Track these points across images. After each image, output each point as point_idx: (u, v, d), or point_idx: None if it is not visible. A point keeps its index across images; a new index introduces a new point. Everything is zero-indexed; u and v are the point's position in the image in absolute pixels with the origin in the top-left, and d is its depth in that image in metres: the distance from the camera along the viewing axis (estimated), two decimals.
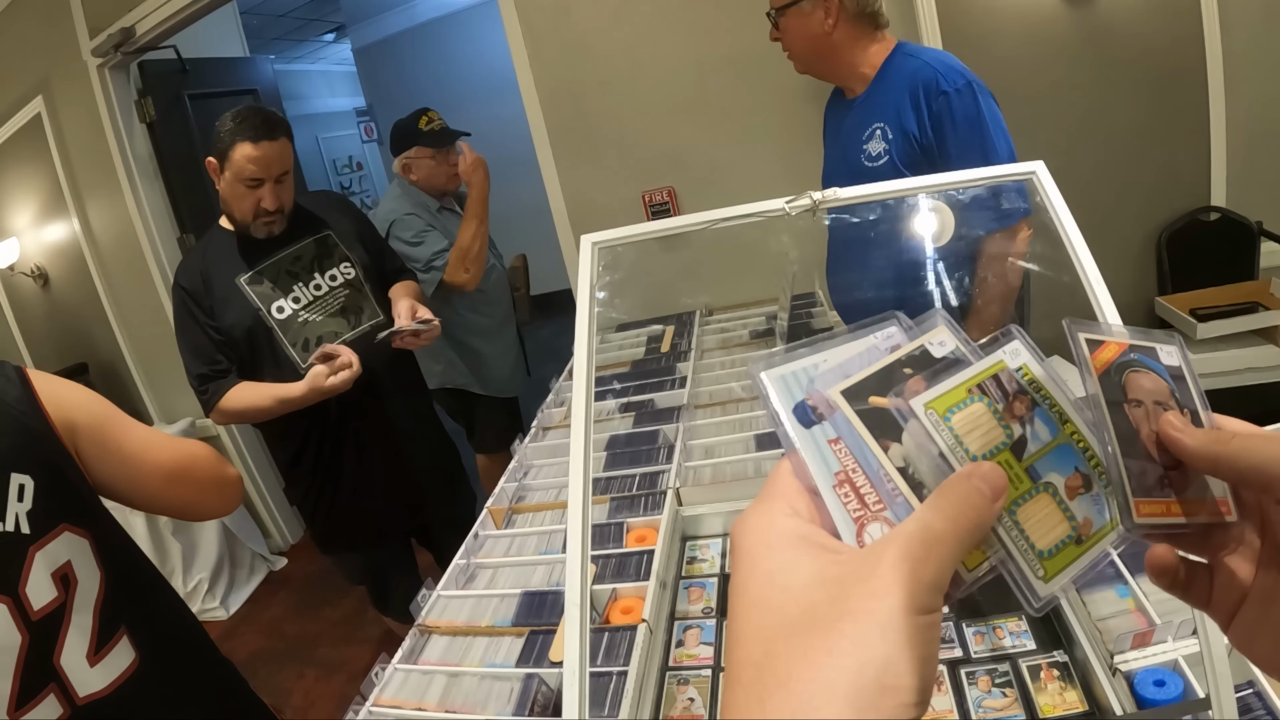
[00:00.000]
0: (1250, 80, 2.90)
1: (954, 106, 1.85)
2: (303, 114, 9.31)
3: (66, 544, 1.20)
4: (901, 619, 0.32)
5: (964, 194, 1.41)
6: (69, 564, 1.20)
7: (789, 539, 0.38)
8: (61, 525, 1.20)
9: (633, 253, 0.99)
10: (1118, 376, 0.45)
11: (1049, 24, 2.94)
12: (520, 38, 3.18)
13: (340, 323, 2.24)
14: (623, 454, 1.87)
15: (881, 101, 1.99)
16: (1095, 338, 0.46)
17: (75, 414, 1.27)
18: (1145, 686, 0.99)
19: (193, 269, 2.13)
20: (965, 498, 0.38)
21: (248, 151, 2.04)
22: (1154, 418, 0.44)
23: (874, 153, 1.99)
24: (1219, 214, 3.02)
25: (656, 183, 3.24)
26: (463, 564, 1.59)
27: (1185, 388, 0.47)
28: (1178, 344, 0.49)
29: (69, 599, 1.19)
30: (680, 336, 2.67)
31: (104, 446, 1.29)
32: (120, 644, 1.25)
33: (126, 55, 3.78)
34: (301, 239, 2.23)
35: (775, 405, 0.44)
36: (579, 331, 0.87)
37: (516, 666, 1.27)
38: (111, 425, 1.33)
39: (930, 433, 0.42)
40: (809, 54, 2.10)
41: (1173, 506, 0.43)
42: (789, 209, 0.95)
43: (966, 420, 0.42)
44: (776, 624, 0.35)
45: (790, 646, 0.33)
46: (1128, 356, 0.46)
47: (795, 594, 0.35)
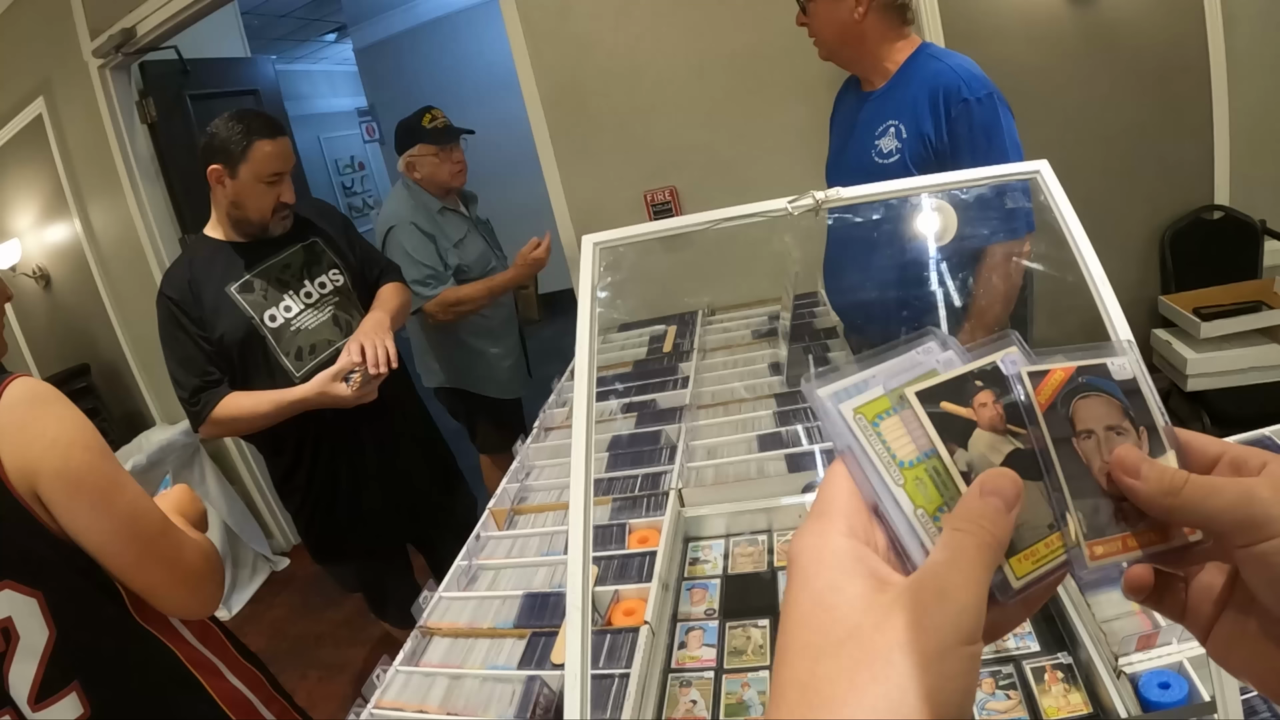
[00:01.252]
0: (1254, 78, 2.89)
1: (974, 115, 1.84)
2: (304, 114, 9.31)
3: (8, 601, 1.15)
4: (947, 650, 0.33)
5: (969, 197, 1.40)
6: (9, 619, 1.16)
7: (843, 559, 0.38)
8: (4, 582, 1.15)
9: (634, 252, 0.98)
10: (1065, 408, 0.44)
11: (1052, 23, 2.93)
12: (521, 37, 3.18)
13: (333, 330, 2.23)
14: (625, 454, 1.86)
15: (900, 99, 1.97)
16: (1039, 369, 0.45)
17: (43, 461, 1.15)
18: (1150, 689, 0.98)
19: (179, 279, 2.11)
20: (983, 516, 0.38)
21: (268, 149, 2.06)
22: (1106, 447, 0.43)
23: (885, 150, 1.97)
24: (1223, 213, 3.02)
25: (658, 182, 3.23)
26: (464, 565, 1.58)
27: (1141, 401, 0.45)
28: (1130, 354, 0.47)
29: (8, 651, 1.17)
30: (682, 336, 2.67)
31: (72, 500, 1.17)
32: (68, 698, 1.21)
33: (127, 56, 3.79)
34: (289, 246, 2.23)
35: (843, 424, 0.43)
36: (580, 332, 0.87)
37: (518, 668, 1.26)
38: (90, 479, 1.19)
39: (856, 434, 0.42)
40: (836, 41, 2.06)
41: (1129, 540, 0.43)
42: (792, 209, 0.94)
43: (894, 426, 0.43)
44: (822, 646, 0.35)
45: (836, 669, 0.34)
46: (1075, 382, 0.45)
47: (843, 615, 0.36)
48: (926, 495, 0.41)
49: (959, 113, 1.85)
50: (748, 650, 1.23)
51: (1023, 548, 0.41)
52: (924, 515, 0.41)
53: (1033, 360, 0.45)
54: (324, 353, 2.18)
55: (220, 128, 2.06)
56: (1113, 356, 0.46)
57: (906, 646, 0.33)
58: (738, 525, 1.56)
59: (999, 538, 0.38)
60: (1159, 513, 0.42)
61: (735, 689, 1.16)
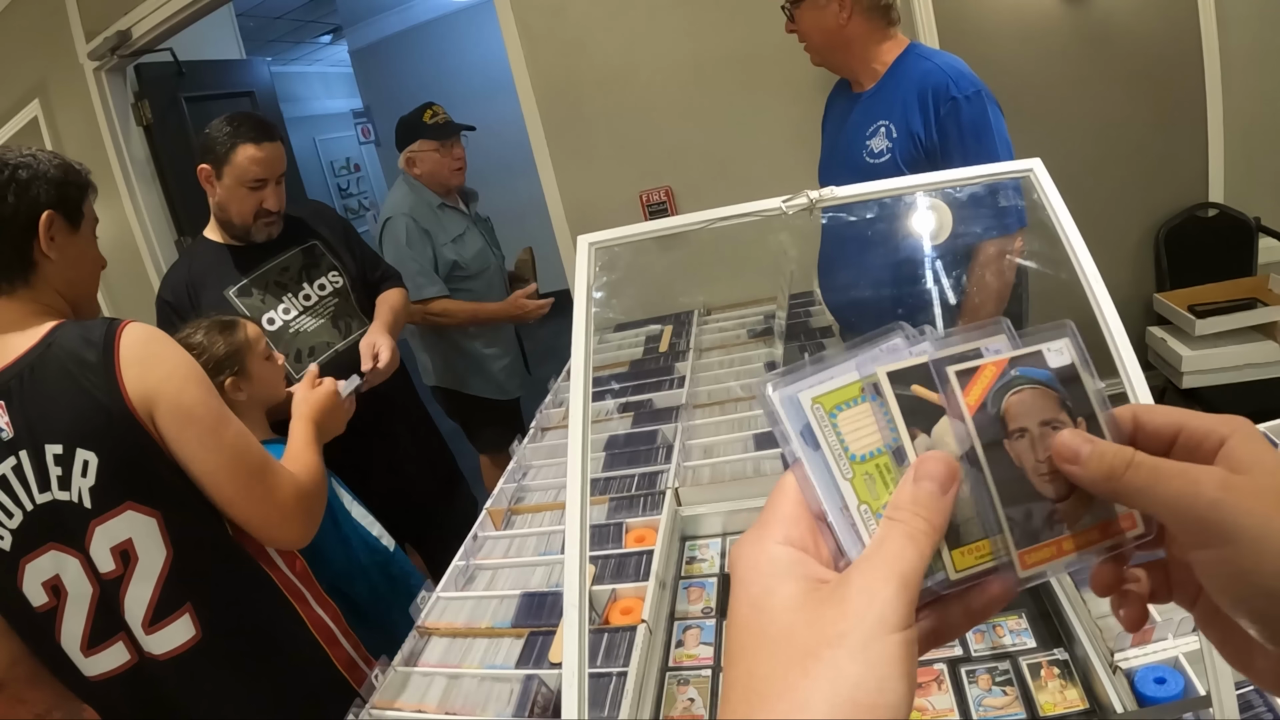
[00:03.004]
0: (1247, 76, 2.90)
1: (962, 113, 1.85)
2: (300, 116, 9.30)
3: (129, 522, 1.25)
4: (871, 640, 0.34)
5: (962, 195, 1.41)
6: (129, 541, 1.25)
7: (778, 565, 0.39)
8: (125, 504, 1.24)
9: (630, 252, 0.99)
10: (995, 407, 0.42)
11: (1046, 21, 2.94)
12: (516, 38, 3.18)
13: (332, 332, 2.24)
14: (621, 454, 1.86)
15: (889, 99, 1.99)
16: (968, 367, 0.43)
17: (161, 391, 1.27)
18: (1146, 684, 0.99)
19: (177, 282, 2.11)
20: (915, 503, 0.39)
21: (251, 153, 2.06)
22: (1040, 444, 0.42)
23: (876, 149, 1.99)
24: (1217, 210, 3.03)
25: (654, 182, 3.24)
26: (462, 565, 1.58)
27: (1079, 388, 0.43)
28: (1068, 336, 0.44)
29: (127, 572, 1.26)
30: (678, 336, 2.67)
31: (183, 430, 1.28)
32: (180, 620, 1.29)
33: (123, 58, 3.78)
34: (289, 249, 2.23)
35: (787, 425, 0.43)
36: (576, 333, 0.87)
37: (516, 668, 1.27)
38: (200, 411, 1.30)
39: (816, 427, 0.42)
40: (824, 46, 2.09)
41: (1064, 544, 0.41)
42: (786, 209, 0.95)
43: (852, 418, 0.42)
44: (758, 646, 0.36)
45: (771, 668, 0.35)
46: (1007, 375, 0.43)
47: (776, 616, 0.37)
48: (873, 491, 0.41)
49: (948, 111, 1.87)
50: None
51: (968, 541, 0.41)
52: (867, 511, 0.41)
53: (1017, 346, 0.44)
54: (322, 355, 2.18)
55: (213, 128, 2.07)
56: (1051, 341, 0.44)
57: (834, 640, 0.34)
58: (734, 524, 1.56)
59: (932, 523, 0.38)
60: (1106, 498, 0.41)
61: None
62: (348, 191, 10.69)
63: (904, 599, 0.35)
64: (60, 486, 1.22)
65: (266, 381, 1.83)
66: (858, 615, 0.35)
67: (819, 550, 0.41)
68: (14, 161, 1.29)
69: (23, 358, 1.25)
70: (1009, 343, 0.44)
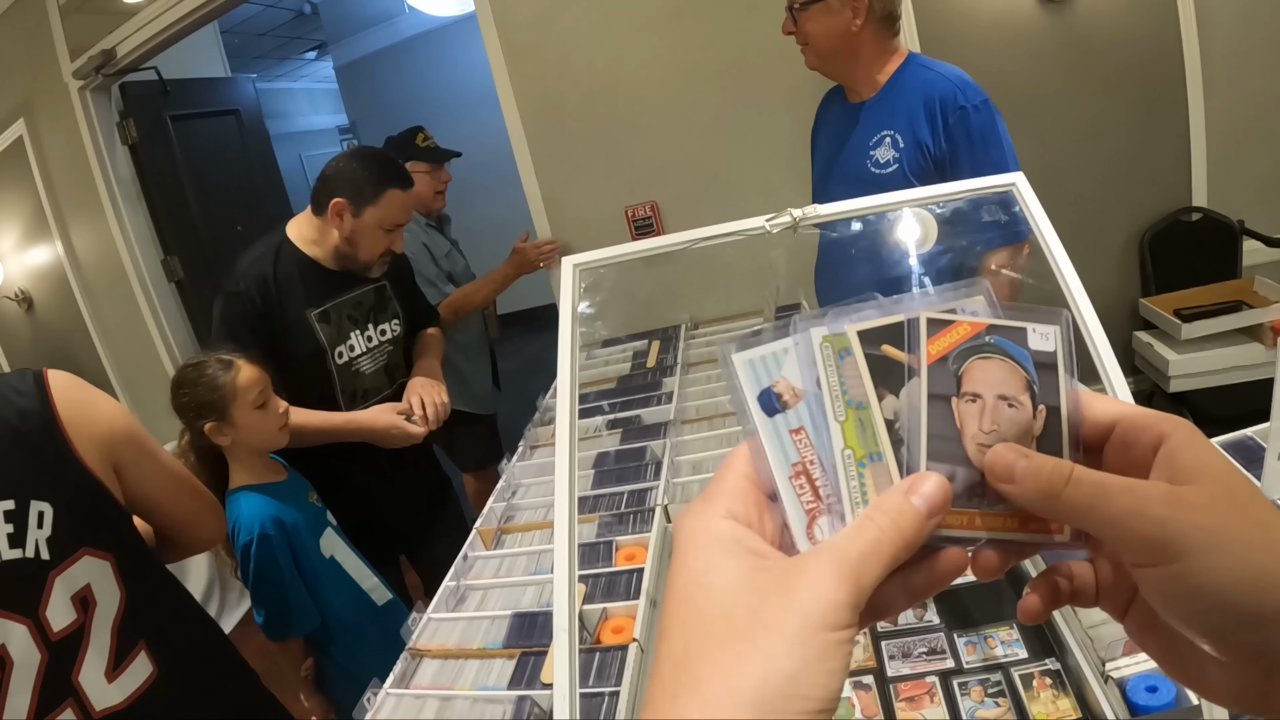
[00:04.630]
0: (1228, 79, 2.92)
1: (971, 122, 1.85)
2: (285, 132, 9.28)
3: (86, 567, 1.23)
4: (810, 635, 0.33)
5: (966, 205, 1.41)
6: (88, 587, 1.23)
7: (721, 541, 0.38)
8: (82, 550, 1.22)
9: (616, 269, 0.99)
10: (957, 365, 0.41)
11: (1027, 28, 2.96)
12: (501, 54, 3.19)
13: (383, 379, 2.27)
14: (610, 471, 1.86)
15: (892, 109, 1.98)
16: (943, 317, 0.42)
17: (112, 428, 1.29)
18: (1138, 693, 0.99)
19: (259, 278, 2.07)
20: (900, 514, 0.38)
21: (400, 199, 2.11)
22: (990, 415, 0.40)
23: (882, 160, 1.97)
24: (1201, 214, 3.05)
25: (639, 197, 3.24)
26: (452, 586, 1.58)
27: (1052, 378, 0.41)
28: (1060, 324, 0.43)
29: (88, 620, 1.23)
30: (665, 351, 2.66)
31: (142, 454, 1.34)
32: (138, 658, 1.28)
33: (108, 77, 3.78)
34: (365, 285, 2.23)
35: (744, 391, 0.42)
36: (561, 356, 0.87)
37: (509, 689, 1.26)
38: (144, 438, 1.36)
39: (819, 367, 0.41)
40: (830, 52, 2.04)
41: (977, 519, 0.40)
42: (770, 227, 0.95)
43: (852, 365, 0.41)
44: (695, 624, 0.36)
45: (705, 648, 0.34)
46: (980, 340, 0.41)
47: (716, 596, 0.36)
48: (863, 441, 0.40)
49: (956, 120, 1.86)
50: None
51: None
52: (850, 456, 0.40)
53: (998, 315, 0.43)
54: (372, 399, 2.22)
55: (354, 164, 2.09)
56: (1039, 323, 0.42)
57: (772, 628, 0.34)
58: None
59: (908, 540, 0.37)
60: (1047, 516, 0.40)
61: None
62: None
63: (852, 603, 0.34)
64: (11, 544, 1.16)
65: (254, 430, 1.78)
66: (801, 608, 0.34)
67: (764, 526, 0.40)
68: None
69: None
70: (987, 308, 0.43)
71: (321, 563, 1.87)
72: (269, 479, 1.85)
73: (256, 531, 1.73)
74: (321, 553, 1.88)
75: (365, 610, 1.93)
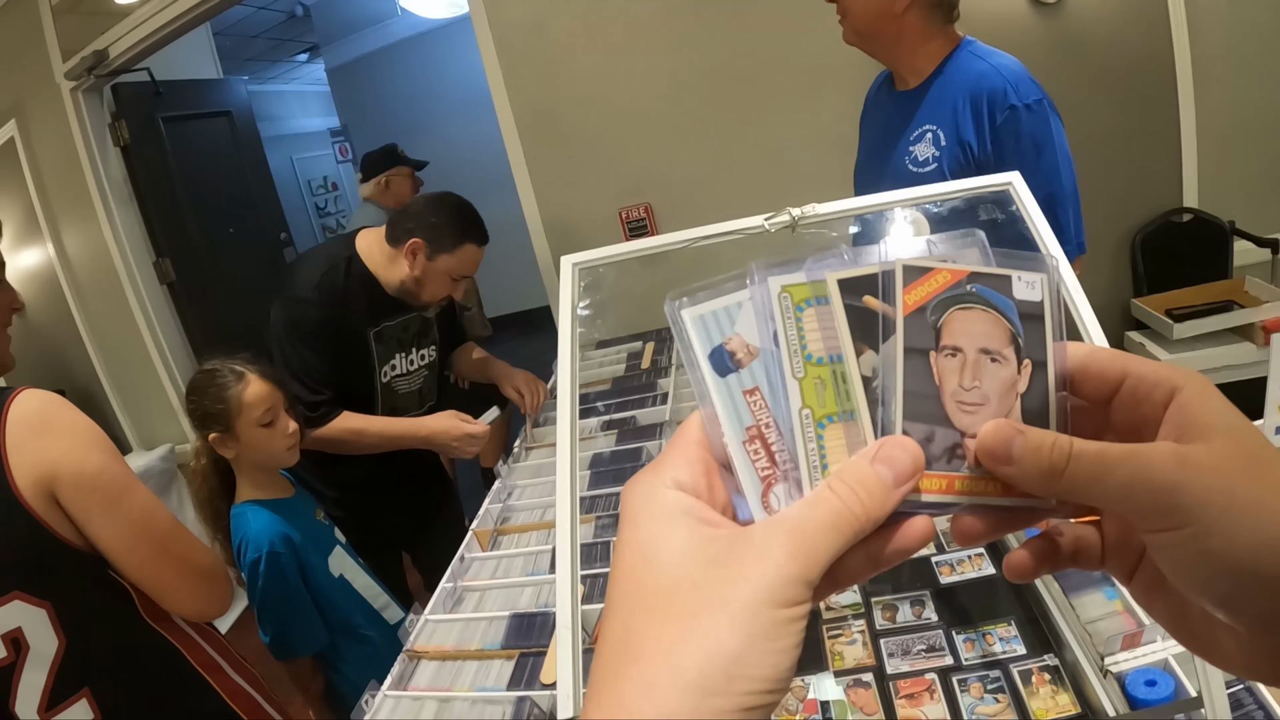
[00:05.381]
0: (1219, 81, 2.93)
1: (1022, 123, 1.68)
2: (277, 135, 9.26)
3: (17, 611, 1.17)
4: (757, 612, 0.31)
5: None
6: (19, 630, 1.18)
7: (667, 511, 0.36)
8: (13, 594, 1.17)
9: (611, 270, 0.99)
10: (936, 315, 0.37)
11: (1018, 30, 2.96)
12: (495, 56, 3.18)
13: (416, 402, 2.32)
14: (607, 472, 1.86)
15: (937, 101, 1.80)
16: (921, 265, 0.38)
17: (61, 464, 1.19)
18: (1137, 687, 1.00)
19: (336, 293, 2.08)
20: (861, 484, 0.35)
21: (474, 255, 2.18)
22: (971, 371, 0.37)
23: (921, 157, 1.82)
24: (1192, 215, 3.05)
25: (633, 199, 3.24)
26: (449, 587, 1.58)
27: (1039, 329, 0.38)
28: (1045, 271, 0.39)
29: (20, 660, 1.19)
30: (660, 352, 2.67)
31: (87, 501, 1.21)
32: (78, 704, 1.23)
33: (100, 78, 3.77)
34: (411, 310, 2.25)
35: (695, 350, 0.39)
36: (561, 355, 0.87)
37: (508, 690, 1.26)
38: (103, 480, 1.23)
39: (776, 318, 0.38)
40: (868, 31, 1.83)
41: (955, 482, 0.36)
42: (768, 226, 0.95)
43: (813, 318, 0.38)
44: (638, 598, 0.34)
45: (647, 624, 0.33)
46: (960, 289, 0.38)
47: (661, 568, 0.34)
48: (821, 400, 0.37)
49: (1006, 120, 1.69)
50: None
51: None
52: (808, 417, 0.37)
53: (990, 263, 0.39)
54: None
55: (441, 210, 2.11)
56: (1025, 271, 0.39)
57: (716, 605, 0.32)
58: None
59: (870, 513, 0.34)
60: (1042, 494, 0.36)
61: None
62: (325, 211, 10.60)
63: (805, 578, 0.32)
64: None
65: (258, 447, 1.75)
66: (748, 582, 0.32)
67: (714, 496, 0.38)
68: None
69: None
70: (981, 259, 0.39)
71: (330, 581, 1.84)
72: (275, 495, 1.83)
73: (265, 549, 1.69)
74: (330, 571, 1.86)
75: (378, 628, 1.91)
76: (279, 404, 1.77)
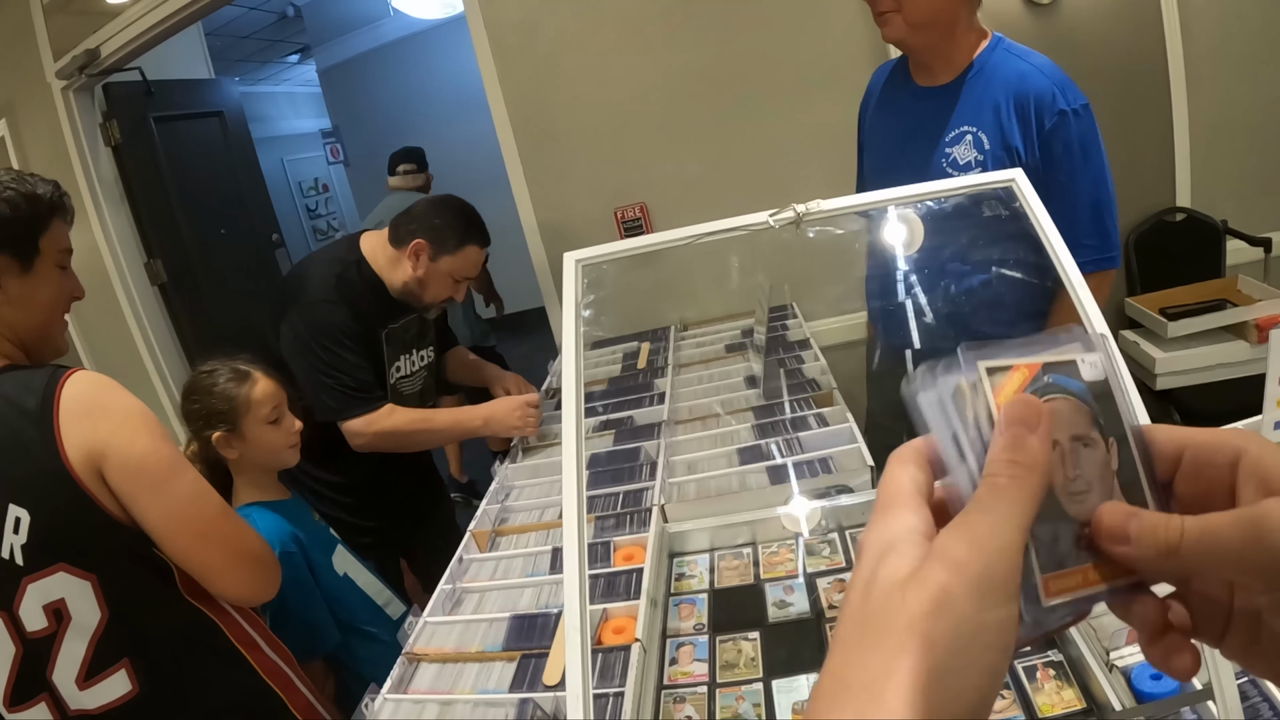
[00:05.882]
0: (1212, 81, 2.94)
1: (1072, 129, 1.65)
2: (268, 136, 9.23)
3: (62, 582, 1.20)
4: (963, 622, 0.31)
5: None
6: (62, 601, 1.20)
7: (889, 543, 0.36)
8: (58, 565, 1.19)
9: (607, 270, 0.98)
10: None
11: (1011, 29, 2.96)
12: (489, 56, 3.17)
13: (417, 402, 2.33)
14: (604, 472, 1.85)
15: (975, 102, 1.72)
16: (999, 364, 0.39)
17: (110, 443, 1.22)
18: (1143, 681, 0.99)
19: (353, 295, 2.09)
20: (1004, 450, 0.35)
21: (476, 256, 2.19)
22: (1071, 460, 0.37)
23: (962, 160, 1.73)
24: (1185, 214, 3.06)
25: (628, 199, 3.23)
26: (448, 589, 1.56)
27: (1111, 406, 0.39)
28: (1103, 349, 0.40)
29: (60, 630, 1.21)
30: (656, 352, 2.67)
31: (135, 481, 1.23)
32: (117, 675, 1.25)
33: (91, 77, 3.75)
34: (411, 312, 2.25)
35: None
36: (565, 352, 0.86)
37: (510, 692, 1.25)
38: (150, 462, 1.25)
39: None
40: (926, 20, 1.70)
41: (1090, 573, 0.37)
42: (773, 222, 0.95)
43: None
44: (853, 630, 0.34)
45: (846, 647, 0.33)
46: (1040, 382, 0.39)
47: (873, 594, 0.34)
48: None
49: (1056, 126, 1.65)
50: (739, 664, 1.23)
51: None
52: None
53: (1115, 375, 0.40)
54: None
55: (445, 211, 2.13)
56: (1083, 352, 0.40)
57: (912, 627, 0.31)
58: (722, 539, 1.56)
59: (1029, 466, 0.35)
60: (1154, 572, 0.37)
61: (730, 703, 1.16)
62: (316, 212, 10.57)
63: (1006, 564, 0.33)
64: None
65: (264, 446, 1.74)
66: (949, 594, 0.32)
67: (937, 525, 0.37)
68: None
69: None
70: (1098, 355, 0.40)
71: (336, 580, 1.84)
72: (274, 496, 1.82)
73: (277, 550, 1.66)
74: (335, 570, 1.85)
75: (382, 624, 1.90)
76: (284, 402, 1.77)
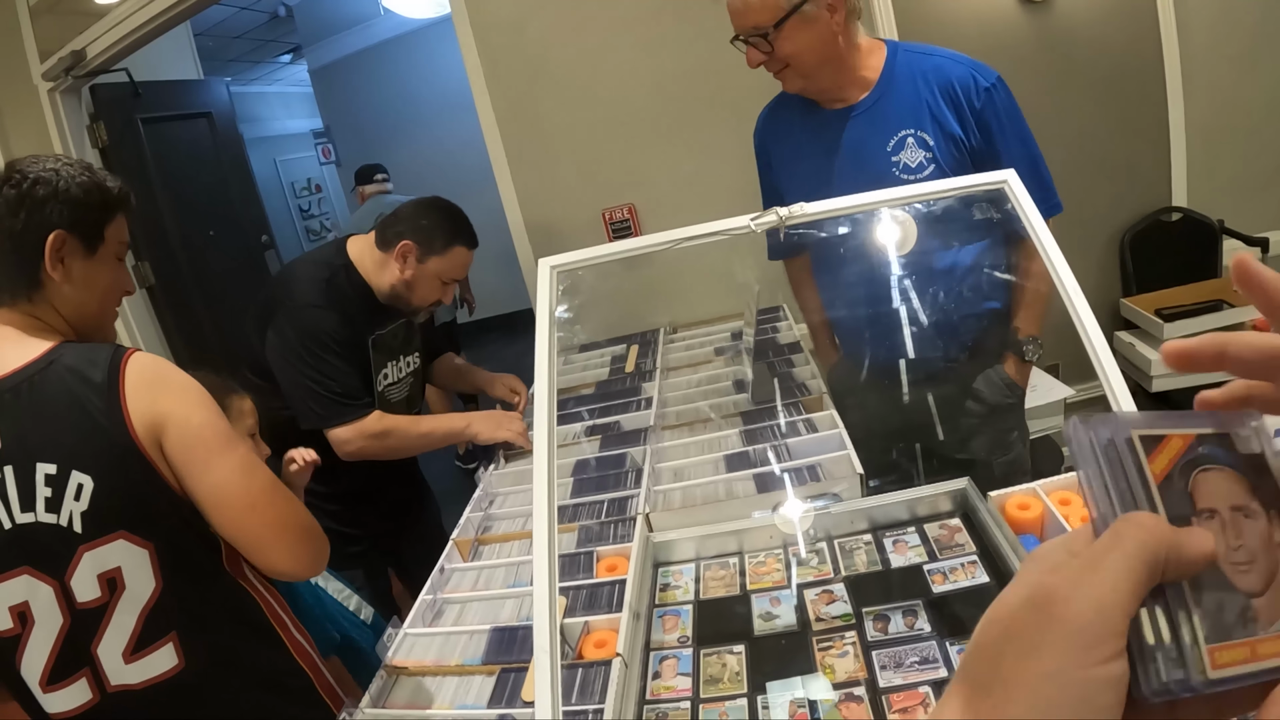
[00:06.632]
0: (1208, 80, 2.93)
1: (998, 102, 1.73)
2: (260, 136, 9.20)
3: (120, 551, 1.21)
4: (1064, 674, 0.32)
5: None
6: (118, 570, 1.21)
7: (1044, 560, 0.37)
8: (118, 533, 1.20)
9: (594, 272, 0.96)
10: (1182, 481, 0.37)
11: (1007, 28, 2.95)
12: (476, 56, 3.15)
13: (404, 409, 2.30)
14: (590, 479, 1.82)
15: (901, 106, 1.77)
16: (1153, 434, 0.38)
17: (170, 414, 1.24)
18: None
19: (343, 300, 2.07)
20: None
21: (464, 258, 2.16)
22: (1233, 530, 0.36)
23: (912, 164, 1.77)
24: (1181, 214, 3.05)
25: (616, 200, 3.21)
26: (429, 600, 1.53)
27: (1270, 481, 0.38)
28: (1257, 422, 0.40)
29: (112, 601, 1.22)
30: (644, 356, 2.63)
31: (191, 451, 1.25)
32: (164, 648, 1.26)
33: (78, 78, 3.71)
34: (398, 318, 2.23)
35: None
36: (539, 361, 0.84)
37: (489, 707, 1.22)
38: (207, 433, 1.27)
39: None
40: (818, 64, 1.76)
41: (1260, 647, 0.35)
42: (754, 226, 0.92)
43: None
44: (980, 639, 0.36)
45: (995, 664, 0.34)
46: (1195, 452, 0.38)
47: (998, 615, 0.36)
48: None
49: (985, 104, 1.72)
50: (724, 678, 1.20)
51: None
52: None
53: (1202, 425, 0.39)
54: None
55: (431, 213, 2.11)
56: (1237, 427, 0.40)
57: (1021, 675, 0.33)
58: (708, 549, 1.52)
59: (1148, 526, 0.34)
60: None
61: (713, 717, 1.13)
62: (309, 213, 10.53)
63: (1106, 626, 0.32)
64: (47, 508, 1.17)
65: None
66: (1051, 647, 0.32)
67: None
68: (33, 175, 1.25)
69: (20, 371, 1.20)
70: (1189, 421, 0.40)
71: (308, 589, 1.82)
72: None
73: None
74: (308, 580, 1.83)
75: (355, 628, 1.88)
76: (257, 425, 1.75)
